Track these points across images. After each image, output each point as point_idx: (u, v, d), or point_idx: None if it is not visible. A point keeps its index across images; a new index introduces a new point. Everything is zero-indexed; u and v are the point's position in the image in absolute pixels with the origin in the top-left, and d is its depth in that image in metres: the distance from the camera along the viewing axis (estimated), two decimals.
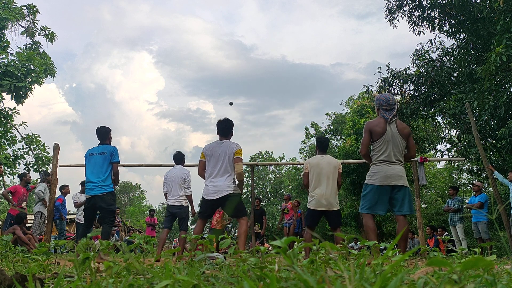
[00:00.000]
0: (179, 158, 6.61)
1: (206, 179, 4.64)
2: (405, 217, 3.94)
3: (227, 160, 4.55)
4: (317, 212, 5.01)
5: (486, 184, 13.90)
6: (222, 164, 4.54)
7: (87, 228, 5.36)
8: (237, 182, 4.57)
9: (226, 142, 4.65)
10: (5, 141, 13.90)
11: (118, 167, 5.34)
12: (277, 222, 34.55)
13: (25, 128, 14.32)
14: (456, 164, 21.70)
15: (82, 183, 9.06)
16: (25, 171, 12.27)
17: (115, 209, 5.39)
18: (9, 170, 13.51)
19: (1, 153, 13.54)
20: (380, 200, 3.89)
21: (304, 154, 30.93)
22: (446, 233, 9.80)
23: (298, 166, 31.33)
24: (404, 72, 12.48)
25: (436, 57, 12.54)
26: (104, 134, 5.41)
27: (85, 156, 5.41)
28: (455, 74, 12.08)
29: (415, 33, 12.12)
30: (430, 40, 12.43)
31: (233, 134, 4.80)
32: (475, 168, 13.31)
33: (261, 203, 11.21)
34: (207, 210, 4.64)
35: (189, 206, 6.44)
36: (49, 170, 9.58)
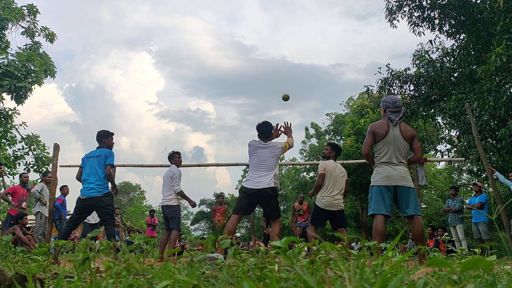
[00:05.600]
0: (169, 156, 6.72)
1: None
2: (414, 217, 3.93)
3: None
4: (327, 212, 5.47)
5: (486, 185, 13.89)
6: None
7: (70, 231, 5.33)
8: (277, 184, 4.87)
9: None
10: (5, 141, 13.89)
11: (116, 169, 5.38)
12: None
13: (25, 129, 14.33)
14: (456, 164, 21.68)
15: None
16: (25, 171, 12.26)
17: (114, 209, 5.44)
18: (9, 170, 13.50)
19: (1, 153, 13.53)
20: (383, 200, 3.87)
21: (304, 155, 30.79)
22: (446, 233, 9.79)
23: (298, 166, 31.20)
24: (404, 72, 12.48)
25: (436, 57, 12.54)
26: (99, 137, 5.53)
27: (82, 160, 5.52)
28: (455, 75, 12.07)
29: (415, 34, 12.11)
30: (430, 41, 12.43)
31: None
32: (475, 169, 13.31)
33: None
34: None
35: (179, 205, 6.52)
36: (49, 170, 9.58)
